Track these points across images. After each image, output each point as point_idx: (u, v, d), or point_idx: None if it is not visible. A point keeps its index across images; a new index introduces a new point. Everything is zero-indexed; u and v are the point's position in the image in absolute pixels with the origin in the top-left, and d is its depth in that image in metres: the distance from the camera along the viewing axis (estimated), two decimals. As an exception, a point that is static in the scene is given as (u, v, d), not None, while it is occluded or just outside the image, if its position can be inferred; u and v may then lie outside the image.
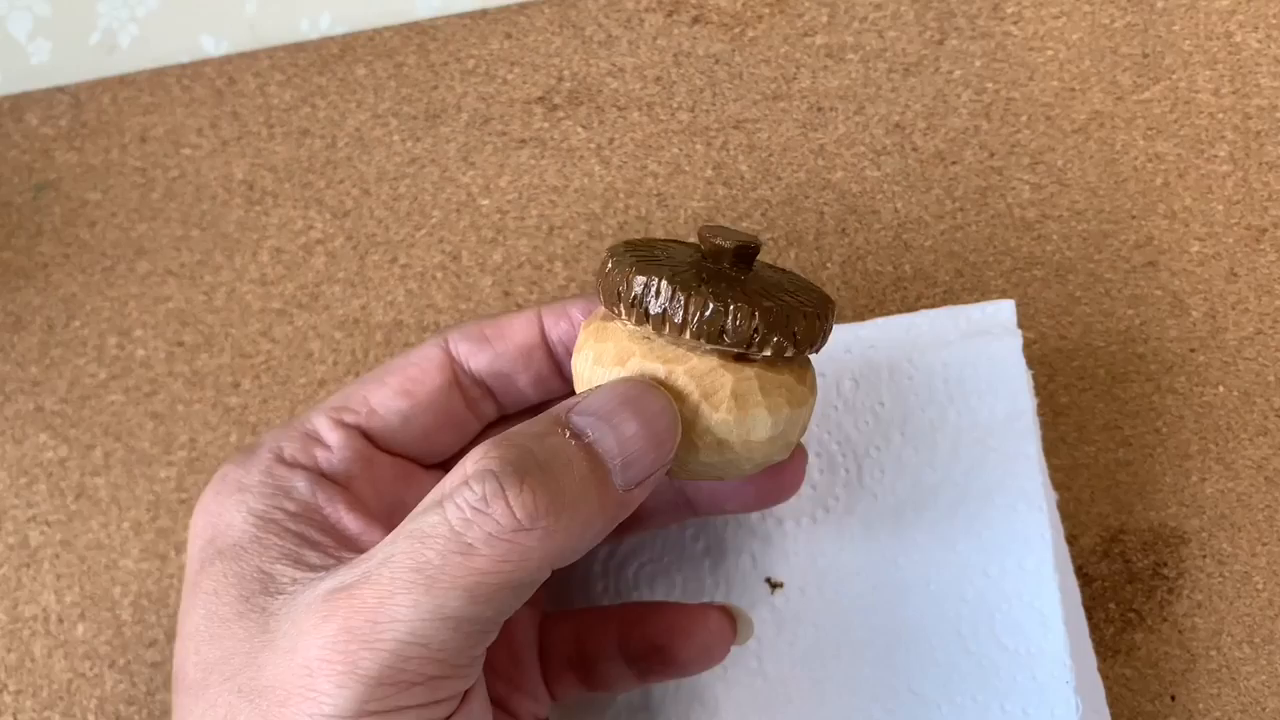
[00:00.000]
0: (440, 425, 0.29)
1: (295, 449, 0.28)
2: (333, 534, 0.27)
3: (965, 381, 0.32)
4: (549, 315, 0.29)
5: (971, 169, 0.37)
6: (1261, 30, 0.38)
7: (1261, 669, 0.34)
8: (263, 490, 0.27)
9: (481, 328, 0.29)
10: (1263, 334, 0.36)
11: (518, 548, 0.22)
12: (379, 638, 0.22)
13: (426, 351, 0.29)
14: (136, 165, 0.40)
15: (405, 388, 0.29)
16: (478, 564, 0.22)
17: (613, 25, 0.40)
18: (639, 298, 0.25)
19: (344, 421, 0.29)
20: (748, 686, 0.32)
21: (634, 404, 0.24)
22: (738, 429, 0.25)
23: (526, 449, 0.23)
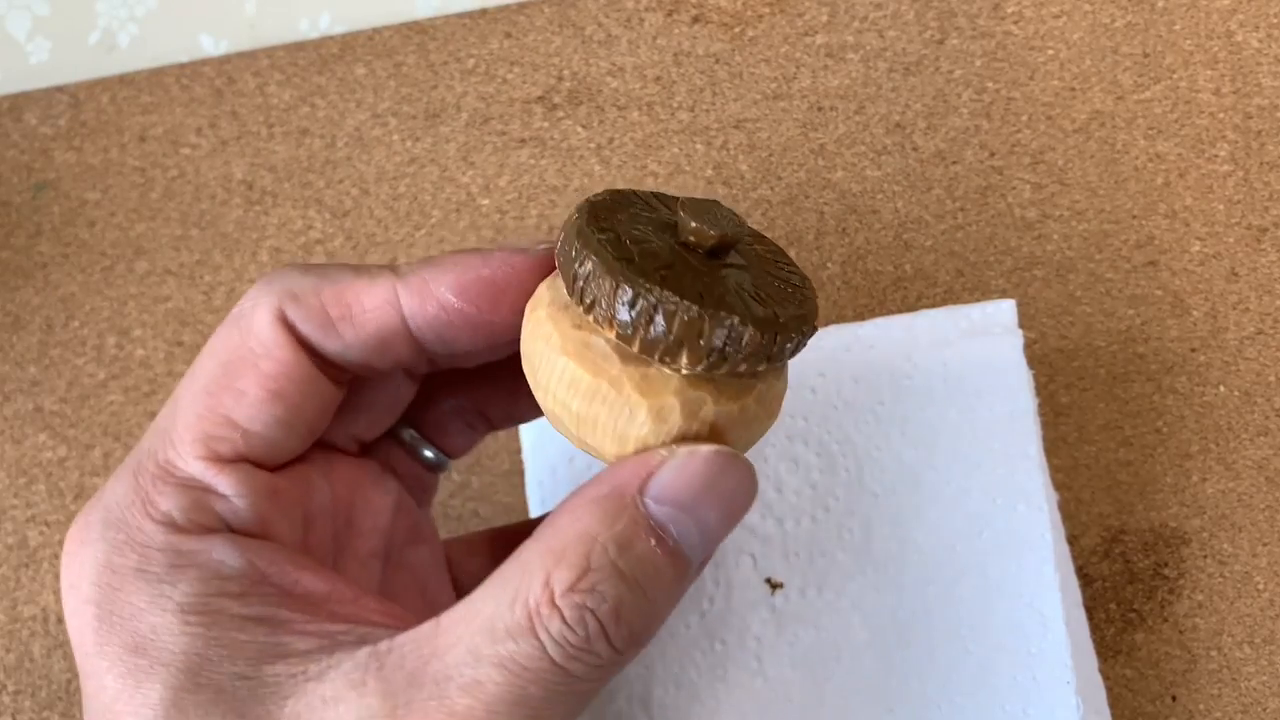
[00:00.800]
0: (318, 417, 0.25)
1: (188, 509, 0.23)
2: (296, 604, 0.22)
3: (966, 381, 0.32)
4: (407, 292, 0.24)
5: (972, 168, 0.37)
6: (1262, 30, 0.38)
7: (1262, 669, 0.33)
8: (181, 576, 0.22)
9: (321, 300, 0.24)
10: (1263, 334, 0.36)
11: (615, 670, 0.22)
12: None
13: (267, 334, 0.24)
14: (135, 165, 0.40)
15: (271, 389, 0.24)
16: (579, 689, 0.21)
17: (613, 24, 0.40)
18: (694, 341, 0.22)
19: (223, 456, 0.23)
20: (747, 687, 0.32)
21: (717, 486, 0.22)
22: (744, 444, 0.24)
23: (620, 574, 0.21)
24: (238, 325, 0.24)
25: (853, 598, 0.32)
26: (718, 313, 0.22)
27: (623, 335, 0.22)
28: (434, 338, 0.24)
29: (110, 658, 0.22)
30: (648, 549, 0.21)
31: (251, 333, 0.24)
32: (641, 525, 0.22)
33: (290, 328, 0.24)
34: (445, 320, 0.24)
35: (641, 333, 0.22)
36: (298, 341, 0.24)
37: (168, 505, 0.23)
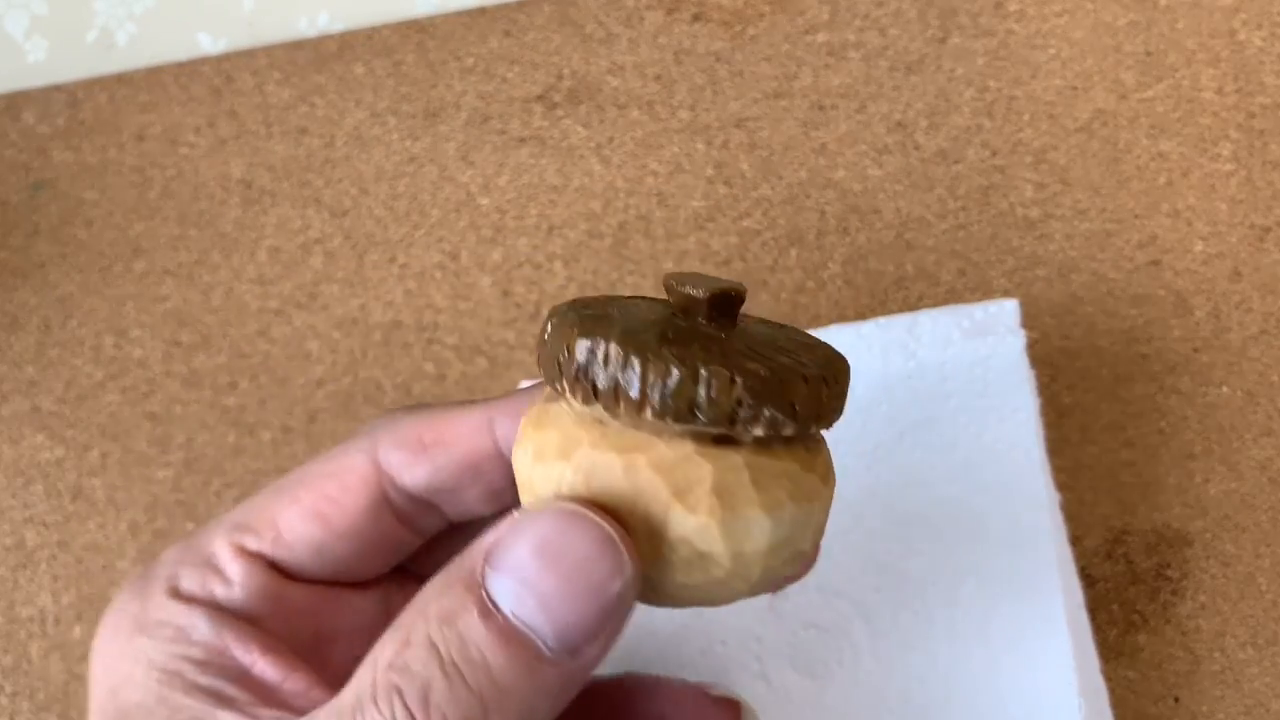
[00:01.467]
0: (364, 551, 0.25)
1: (192, 580, 0.24)
2: (248, 685, 0.23)
3: (968, 381, 0.32)
4: (501, 415, 0.24)
5: (974, 168, 0.37)
6: (1265, 28, 0.37)
7: (1265, 671, 0.33)
8: (162, 634, 0.23)
9: (419, 430, 0.24)
10: (1267, 334, 0.35)
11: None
12: None
13: (349, 460, 0.25)
14: (133, 164, 0.40)
15: (319, 509, 0.24)
16: None
17: (612, 23, 0.39)
18: (583, 367, 0.19)
19: (245, 549, 0.24)
20: (748, 689, 0.32)
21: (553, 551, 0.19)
22: (725, 537, 0.19)
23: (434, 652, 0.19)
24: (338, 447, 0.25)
25: (853, 598, 0.32)
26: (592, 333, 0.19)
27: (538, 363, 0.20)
28: None
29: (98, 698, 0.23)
30: (471, 625, 0.19)
31: (338, 457, 0.25)
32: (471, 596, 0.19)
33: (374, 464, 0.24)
34: None
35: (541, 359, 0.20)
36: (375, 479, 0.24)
37: (180, 573, 0.24)
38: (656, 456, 0.19)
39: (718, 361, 0.19)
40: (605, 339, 0.19)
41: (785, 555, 0.20)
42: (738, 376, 0.19)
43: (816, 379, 0.19)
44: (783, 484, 0.19)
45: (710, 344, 0.19)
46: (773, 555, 0.19)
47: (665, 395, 0.19)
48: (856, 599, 0.32)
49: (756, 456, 0.19)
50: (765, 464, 0.19)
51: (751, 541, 0.19)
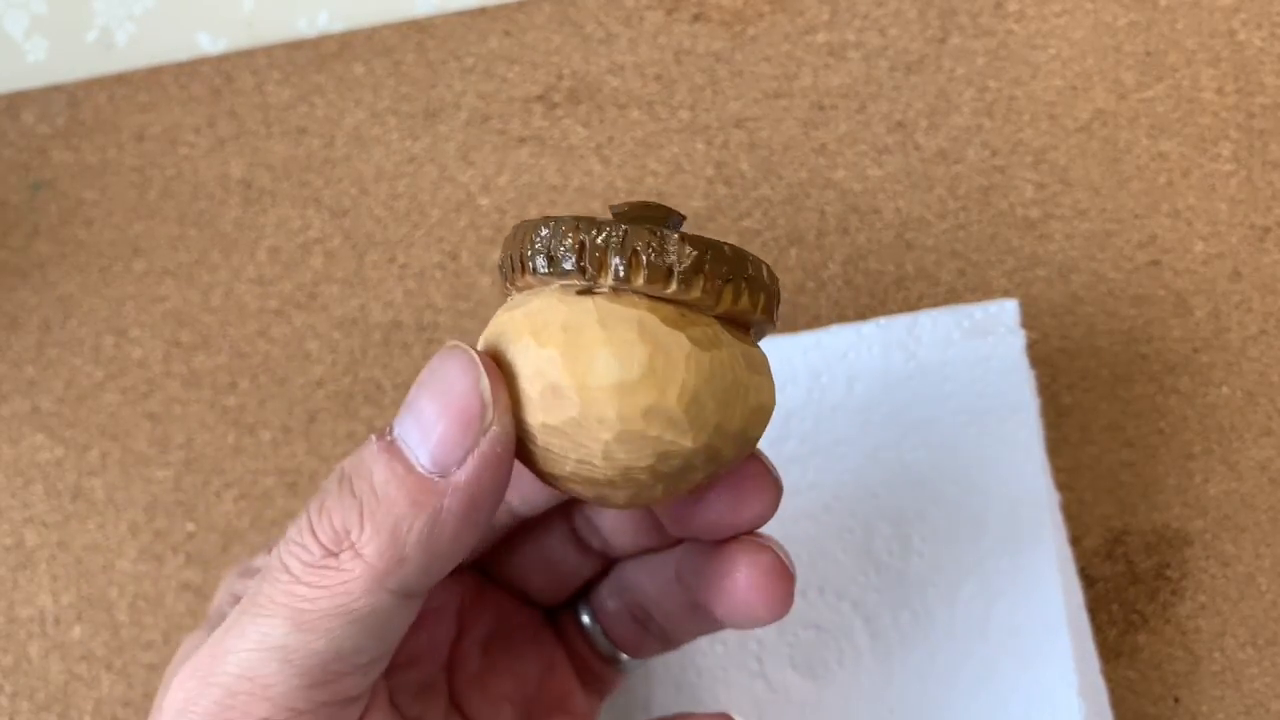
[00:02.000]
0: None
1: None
2: None
3: (967, 381, 0.32)
4: None
5: (974, 168, 0.37)
6: (1265, 28, 0.37)
7: (1265, 671, 0.33)
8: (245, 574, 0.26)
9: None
10: (1267, 334, 0.35)
11: (331, 573, 0.21)
12: (213, 673, 0.21)
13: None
14: (133, 164, 0.40)
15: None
16: (299, 591, 0.21)
17: (612, 23, 0.39)
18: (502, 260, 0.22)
19: None
20: (748, 689, 0.32)
21: (430, 376, 0.21)
22: (570, 369, 0.20)
23: (337, 469, 0.22)
24: None
25: (853, 599, 0.32)
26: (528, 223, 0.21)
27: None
28: None
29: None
30: (367, 448, 0.21)
31: None
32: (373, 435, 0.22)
33: None
34: None
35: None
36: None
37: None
38: (528, 308, 0.21)
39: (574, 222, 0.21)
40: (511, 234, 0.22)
41: (643, 405, 0.20)
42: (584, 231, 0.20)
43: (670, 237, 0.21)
44: (631, 327, 0.20)
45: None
46: (624, 398, 0.20)
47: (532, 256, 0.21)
48: (856, 599, 0.32)
49: (610, 304, 0.20)
50: (617, 309, 0.20)
51: (595, 376, 0.20)
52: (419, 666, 0.26)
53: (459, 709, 0.27)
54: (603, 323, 0.20)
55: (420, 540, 0.21)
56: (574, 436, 0.21)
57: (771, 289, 0.22)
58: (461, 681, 0.27)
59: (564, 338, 0.20)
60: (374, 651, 0.22)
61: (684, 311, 0.21)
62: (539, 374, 0.20)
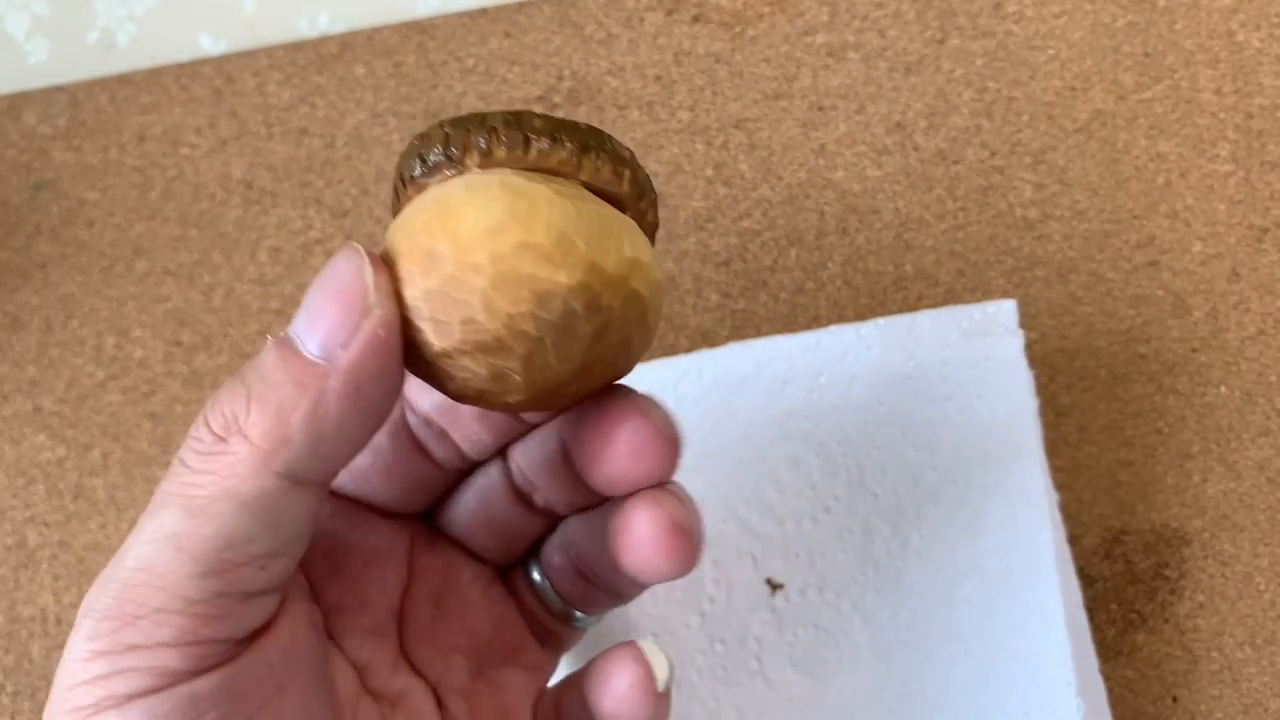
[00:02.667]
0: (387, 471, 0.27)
1: None
2: None
3: (966, 382, 0.32)
4: None
5: (973, 168, 0.37)
6: (1263, 29, 0.37)
7: (1264, 670, 0.33)
8: None
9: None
10: (1265, 334, 0.36)
11: (219, 457, 0.22)
12: (114, 571, 0.22)
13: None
14: (134, 165, 0.40)
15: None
16: (190, 479, 0.21)
17: (612, 24, 0.39)
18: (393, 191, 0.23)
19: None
20: (747, 688, 0.32)
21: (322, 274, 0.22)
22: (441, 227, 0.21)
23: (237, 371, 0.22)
24: None
25: (853, 598, 0.32)
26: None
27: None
28: None
29: None
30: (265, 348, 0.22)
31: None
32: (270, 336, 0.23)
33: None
34: None
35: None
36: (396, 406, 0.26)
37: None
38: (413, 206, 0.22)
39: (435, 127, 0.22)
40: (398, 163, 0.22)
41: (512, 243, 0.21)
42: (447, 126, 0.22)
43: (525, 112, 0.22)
44: (494, 185, 0.21)
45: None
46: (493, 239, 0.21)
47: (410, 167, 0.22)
48: (856, 598, 0.32)
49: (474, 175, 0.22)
50: (480, 176, 0.21)
51: (464, 227, 0.21)
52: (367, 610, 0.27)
53: (408, 659, 0.27)
54: (468, 186, 0.21)
55: (304, 421, 0.21)
56: (453, 293, 0.21)
57: (637, 169, 0.23)
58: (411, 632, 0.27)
59: (434, 207, 0.21)
60: (268, 543, 0.22)
61: (548, 177, 0.22)
62: (414, 246, 0.21)
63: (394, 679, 0.26)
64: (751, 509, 0.33)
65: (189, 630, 0.21)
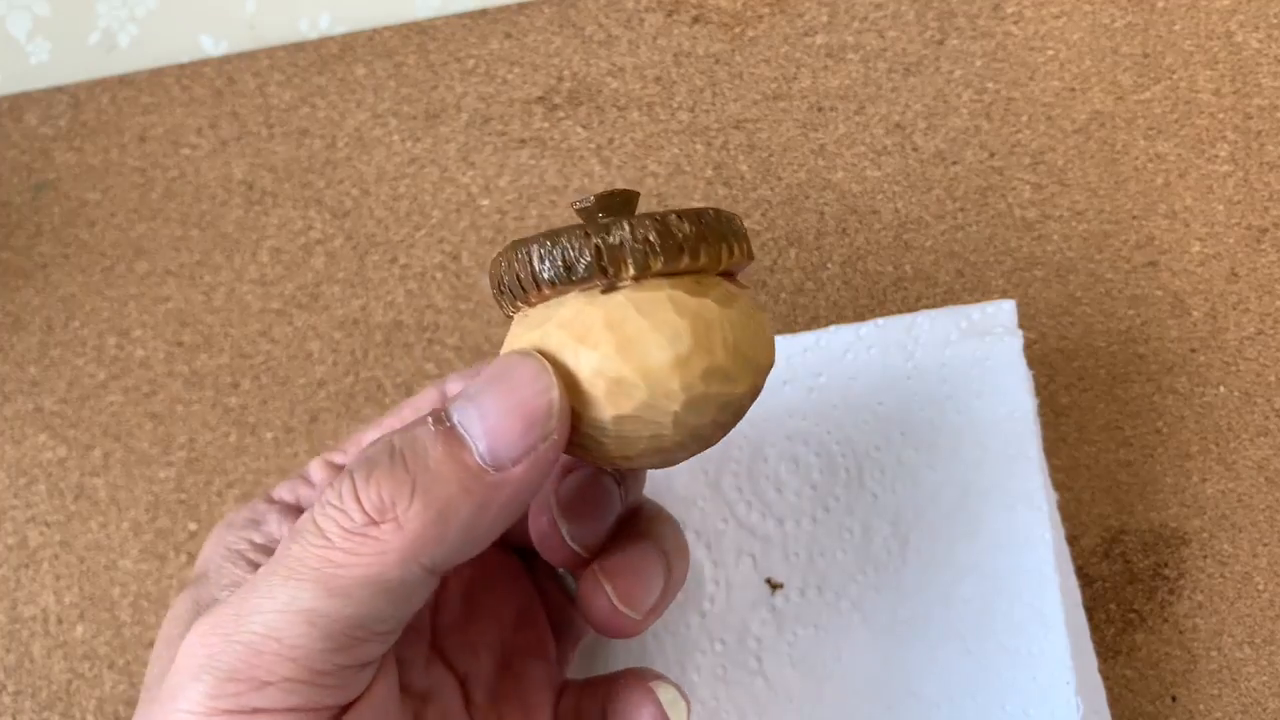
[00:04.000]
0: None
1: (284, 489, 0.28)
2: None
3: (966, 381, 0.32)
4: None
5: (972, 169, 0.37)
6: (1262, 30, 0.38)
7: (1262, 669, 0.33)
8: (241, 526, 0.27)
9: (480, 368, 0.28)
10: (1263, 334, 0.36)
11: (370, 541, 0.22)
12: (238, 630, 0.22)
13: (426, 394, 0.28)
14: (136, 165, 0.40)
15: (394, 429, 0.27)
16: (334, 556, 0.22)
17: (613, 25, 0.40)
18: (504, 281, 0.23)
19: (333, 462, 0.28)
20: (747, 687, 0.32)
21: (500, 376, 0.22)
22: (627, 359, 0.22)
23: (387, 442, 0.22)
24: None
25: (853, 598, 0.32)
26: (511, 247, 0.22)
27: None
28: None
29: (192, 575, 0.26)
30: (423, 429, 0.22)
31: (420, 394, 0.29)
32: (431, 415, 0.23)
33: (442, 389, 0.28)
34: None
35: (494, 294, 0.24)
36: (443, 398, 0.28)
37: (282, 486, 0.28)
38: (559, 319, 0.22)
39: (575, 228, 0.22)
40: (511, 252, 0.22)
41: (700, 370, 0.22)
42: (588, 231, 0.22)
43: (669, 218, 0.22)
44: (666, 306, 0.22)
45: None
46: (683, 369, 0.22)
47: (545, 271, 0.22)
48: (855, 598, 0.32)
49: (637, 292, 0.22)
50: (647, 296, 0.22)
51: (653, 357, 0.22)
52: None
53: (440, 655, 0.28)
54: (641, 311, 0.22)
55: (464, 524, 0.22)
56: (646, 417, 0.22)
57: (744, 233, 0.24)
58: (443, 627, 0.28)
59: (611, 335, 0.22)
60: (396, 620, 0.23)
61: (697, 279, 0.22)
62: (599, 373, 0.22)
63: (427, 675, 0.27)
64: (751, 509, 0.33)
65: (313, 699, 0.22)
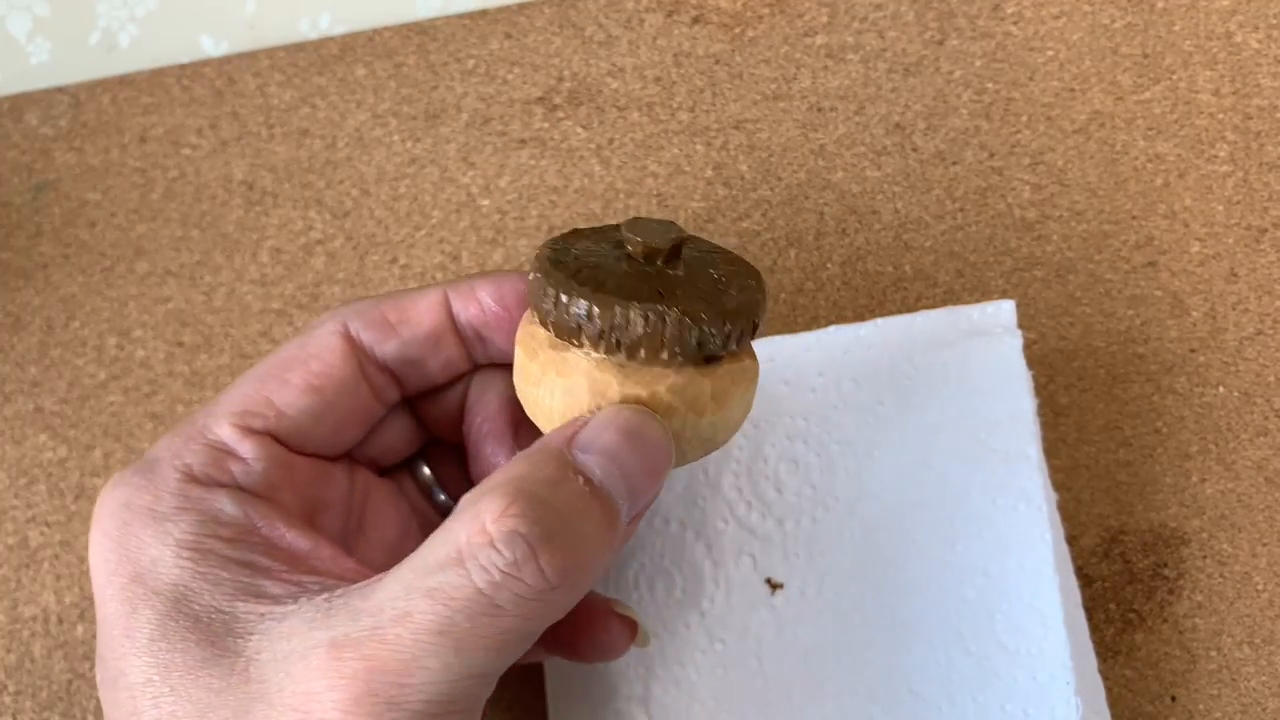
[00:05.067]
0: (349, 419, 0.28)
1: (206, 464, 0.26)
2: (280, 556, 0.25)
3: (965, 382, 0.32)
4: (456, 297, 0.28)
5: (972, 169, 0.37)
6: (1262, 30, 0.38)
7: (1262, 669, 0.34)
8: (184, 517, 0.25)
9: (382, 310, 0.28)
10: (1263, 334, 0.36)
11: (545, 606, 0.22)
12: (407, 700, 0.22)
13: (325, 340, 0.27)
14: (136, 165, 0.40)
15: (311, 384, 0.27)
16: (506, 624, 0.22)
17: (613, 25, 0.40)
18: (608, 331, 0.24)
19: (253, 429, 0.27)
20: (747, 686, 0.32)
21: (637, 438, 0.24)
22: (720, 424, 0.26)
23: (548, 504, 0.22)
24: (302, 334, 0.28)
25: (853, 598, 0.32)
26: (609, 300, 0.24)
27: (544, 321, 0.25)
28: (474, 335, 0.28)
29: (115, 585, 0.24)
30: (575, 486, 0.23)
31: (311, 339, 0.28)
32: (569, 468, 0.23)
33: (348, 339, 0.28)
34: (484, 320, 0.28)
35: (553, 317, 0.25)
36: (352, 352, 0.27)
37: (190, 459, 0.26)
38: (670, 384, 0.25)
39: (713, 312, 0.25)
40: (626, 308, 0.24)
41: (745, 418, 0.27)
42: (727, 320, 0.25)
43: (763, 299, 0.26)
44: (746, 377, 0.26)
45: (691, 293, 0.25)
46: (743, 421, 0.27)
47: (683, 344, 0.24)
48: (856, 599, 0.32)
49: (732, 364, 0.26)
50: (737, 367, 0.26)
51: (733, 420, 0.26)
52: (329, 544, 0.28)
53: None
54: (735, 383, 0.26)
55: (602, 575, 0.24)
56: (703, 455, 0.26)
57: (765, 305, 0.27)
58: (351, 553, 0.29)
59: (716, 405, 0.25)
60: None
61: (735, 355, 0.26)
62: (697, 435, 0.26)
63: None
64: (751, 509, 0.33)
65: None
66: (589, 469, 0.23)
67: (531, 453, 0.24)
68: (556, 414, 0.25)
